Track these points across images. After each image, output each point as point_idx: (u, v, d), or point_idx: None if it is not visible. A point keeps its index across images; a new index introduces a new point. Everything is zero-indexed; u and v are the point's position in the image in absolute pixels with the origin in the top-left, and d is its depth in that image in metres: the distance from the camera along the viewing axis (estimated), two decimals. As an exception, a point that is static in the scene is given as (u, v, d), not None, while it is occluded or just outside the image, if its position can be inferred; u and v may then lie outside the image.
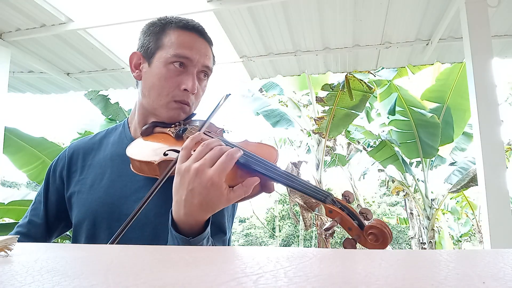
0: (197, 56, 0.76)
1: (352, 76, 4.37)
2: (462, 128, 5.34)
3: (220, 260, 0.31)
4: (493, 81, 2.10)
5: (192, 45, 0.76)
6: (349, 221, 0.52)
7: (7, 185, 14.01)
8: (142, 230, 0.71)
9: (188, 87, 0.75)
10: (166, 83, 0.75)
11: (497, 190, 1.96)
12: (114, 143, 0.83)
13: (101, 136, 0.88)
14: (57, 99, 44.12)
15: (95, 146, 0.85)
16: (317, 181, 5.17)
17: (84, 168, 0.81)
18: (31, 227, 0.82)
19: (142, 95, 0.80)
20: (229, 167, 0.55)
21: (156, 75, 0.76)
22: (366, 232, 0.50)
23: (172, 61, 0.75)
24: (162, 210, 0.70)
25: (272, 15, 2.63)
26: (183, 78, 0.76)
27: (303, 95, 6.82)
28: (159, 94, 0.76)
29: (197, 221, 0.58)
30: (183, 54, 0.75)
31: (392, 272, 0.24)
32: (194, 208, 0.56)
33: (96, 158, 0.82)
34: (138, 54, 0.80)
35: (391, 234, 0.50)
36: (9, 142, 3.64)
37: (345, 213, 0.53)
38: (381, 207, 18.44)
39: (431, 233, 5.50)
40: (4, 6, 2.49)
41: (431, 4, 2.48)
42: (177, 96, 0.76)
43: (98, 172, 0.79)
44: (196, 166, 0.55)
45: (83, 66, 3.42)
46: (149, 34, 0.79)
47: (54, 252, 0.36)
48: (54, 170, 0.84)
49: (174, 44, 0.75)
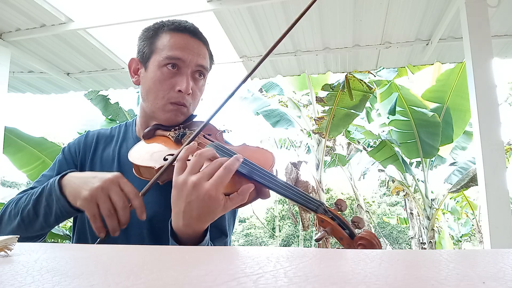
0: (190, 56, 0.77)
1: (352, 76, 4.37)
2: (462, 129, 5.34)
3: (220, 260, 0.31)
4: (493, 81, 2.09)
5: (184, 46, 0.77)
6: (339, 231, 0.51)
7: (7, 185, 13.99)
8: (139, 226, 0.72)
9: (182, 88, 0.76)
10: (161, 86, 0.77)
11: (497, 190, 1.96)
12: (122, 139, 0.86)
13: (114, 131, 0.90)
14: (57, 99, 44.11)
15: (108, 139, 0.88)
16: (317, 181, 5.18)
17: (94, 157, 0.84)
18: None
19: (142, 98, 0.82)
20: (226, 180, 0.55)
21: (151, 78, 0.77)
22: (356, 243, 0.50)
23: (165, 64, 0.76)
24: (158, 206, 0.72)
25: (272, 15, 2.63)
26: (177, 79, 0.77)
27: (303, 95, 6.82)
28: (155, 97, 0.77)
29: (196, 231, 0.59)
30: (174, 55, 0.76)
31: (392, 272, 0.24)
32: (193, 220, 0.57)
33: (106, 150, 0.85)
34: (136, 60, 0.82)
35: (380, 245, 0.50)
36: (9, 142, 3.64)
37: (336, 223, 0.52)
38: (381, 207, 18.44)
39: (431, 233, 5.50)
40: (4, 6, 2.49)
41: (431, 4, 2.48)
42: (173, 98, 0.77)
43: (105, 166, 0.82)
44: (194, 180, 0.55)
45: (83, 66, 3.42)
46: (144, 39, 0.81)
47: (54, 252, 0.36)
48: (69, 149, 0.87)
49: (167, 47, 0.77)
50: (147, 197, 0.67)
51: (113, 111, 5.29)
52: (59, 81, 3.73)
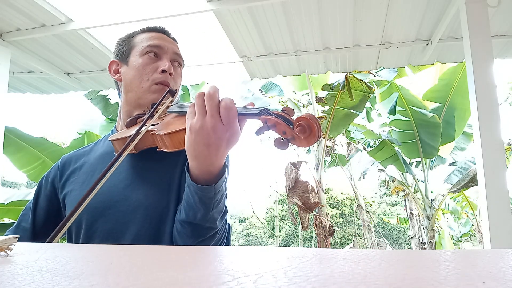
0: (167, 44, 0.87)
1: (352, 76, 4.37)
2: (463, 128, 5.34)
3: (220, 260, 0.31)
4: (493, 81, 2.09)
5: (160, 38, 0.88)
6: (282, 125, 0.54)
7: (7, 185, 14.01)
8: (134, 213, 0.74)
9: (166, 68, 0.83)
10: (144, 70, 0.83)
11: (497, 190, 1.95)
12: (103, 145, 0.90)
13: (92, 145, 0.94)
14: (57, 99, 44.14)
15: (86, 152, 0.91)
16: (317, 181, 5.18)
17: (75, 171, 0.86)
18: (19, 231, 0.85)
19: (125, 91, 0.87)
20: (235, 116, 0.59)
21: (134, 67, 0.85)
22: (295, 127, 0.52)
23: (146, 52, 0.85)
24: (151, 192, 0.75)
25: (272, 15, 2.63)
26: (159, 63, 0.85)
27: (303, 95, 6.82)
28: (140, 82, 0.83)
29: (216, 168, 0.63)
30: (154, 44, 0.85)
31: (392, 272, 0.24)
32: (213, 159, 0.61)
33: (87, 161, 0.87)
34: (115, 61, 0.91)
35: (319, 125, 0.52)
36: (9, 142, 3.64)
37: (280, 119, 0.55)
38: (381, 207, 18.44)
39: (431, 233, 5.50)
40: (4, 6, 2.49)
41: (431, 4, 2.48)
42: (157, 79, 0.83)
43: (89, 170, 0.84)
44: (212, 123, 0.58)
45: (83, 66, 3.42)
46: (121, 43, 0.90)
47: (54, 252, 0.36)
48: (47, 178, 0.89)
49: (144, 39, 0.87)
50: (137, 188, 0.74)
51: (113, 111, 5.29)
52: (59, 81, 3.73)
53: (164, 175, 0.78)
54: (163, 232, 0.73)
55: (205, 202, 0.63)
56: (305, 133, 0.52)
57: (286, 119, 0.55)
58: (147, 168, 0.79)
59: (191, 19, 2.67)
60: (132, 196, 0.75)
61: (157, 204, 0.74)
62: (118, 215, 0.74)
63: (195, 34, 2.90)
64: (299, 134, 0.52)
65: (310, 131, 0.51)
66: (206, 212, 0.65)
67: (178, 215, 0.70)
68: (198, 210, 0.64)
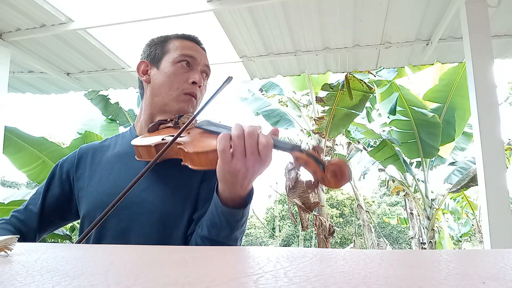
0: (200, 56, 0.88)
1: (352, 76, 4.37)
2: (463, 128, 5.34)
3: (220, 260, 0.31)
4: (493, 81, 2.09)
5: (194, 48, 0.89)
6: (313, 165, 0.57)
7: (7, 185, 14.01)
8: (148, 216, 0.75)
9: (196, 80, 0.84)
10: (176, 79, 0.84)
11: (497, 190, 1.95)
12: (122, 143, 0.90)
13: (110, 140, 0.94)
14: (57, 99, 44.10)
15: (104, 147, 0.91)
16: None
17: (93, 165, 0.87)
18: (27, 214, 0.85)
19: (152, 95, 0.87)
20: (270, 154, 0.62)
21: (165, 73, 0.85)
22: (327, 170, 0.55)
23: (179, 60, 0.85)
24: (168, 197, 0.76)
25: (272, 15, 2.63)
26: (190, 74, 0.86)
27: (303, 95, 6.82)
28: (169, 89, 0.84)
29: (245, 191, 0.66)
30: (188, 54, 0.86)
31: (392, 272, 0.24)
32: (245, 185, 0.64)
33: (105, 156, 0.88)
34: (145, 62, 0.90)
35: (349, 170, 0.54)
36: (9, 142, 3.64)
37: (310, 159, 0.57)
38: (381, 207, 18.44)
39: (431, 233, 5.50)
40: (4, 6, 2.49)
41: (431, 4, 2.48)
42: (186, 89, 0.85)
43: (107, 167, 0.84)
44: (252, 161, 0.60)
45: (83, 66, 3.42)
46: (154, 45, 0.91)
47: (54, 252, 0.36)
48: (62, 166, 0.90)
49: (179, 48, 0.87)
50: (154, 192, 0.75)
51: (113, 111, 5.29)
52: (59, 81, 3.73)
53: (182, 183, 0.78)
54: (175, 238, 0.74)
55: (231, 224, 0.66)
56: (335, 177, 0.55)
57: (317, 160, 0.57)
58: (166, 173, 0.79)
59: (191, 19, 2.66)
60: (148, 199, 0.76)
61: (172, 210, 0.75)
62: (133, 216, 0.75)
63: (195, 34, 2.89)
64: (330, 178, 0.55)
65: (342, 176, 0.55)
66: (230, 232, 0.67)
67: (199, 230, 0.71)
68: (223, 230, 0.66)
